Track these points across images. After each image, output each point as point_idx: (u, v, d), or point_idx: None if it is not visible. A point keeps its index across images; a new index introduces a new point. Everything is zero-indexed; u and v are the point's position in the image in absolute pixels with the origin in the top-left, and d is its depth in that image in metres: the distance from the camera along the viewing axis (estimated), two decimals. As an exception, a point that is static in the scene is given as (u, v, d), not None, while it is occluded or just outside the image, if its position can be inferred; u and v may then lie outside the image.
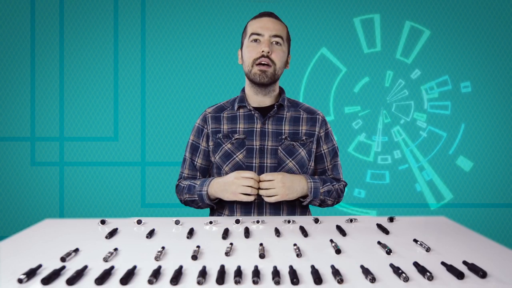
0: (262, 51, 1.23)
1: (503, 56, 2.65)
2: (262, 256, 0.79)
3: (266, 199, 1.18)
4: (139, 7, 2.63)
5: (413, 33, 2.65)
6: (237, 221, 1.08)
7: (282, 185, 1.17)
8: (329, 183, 1.29)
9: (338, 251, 0.82)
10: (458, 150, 2.65)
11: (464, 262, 0.75)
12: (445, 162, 2.66)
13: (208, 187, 1.24)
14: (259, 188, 1.18)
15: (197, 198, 1.27)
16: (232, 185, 1.16)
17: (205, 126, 1.35)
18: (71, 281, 0.65)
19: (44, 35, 2.60)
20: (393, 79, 2.66)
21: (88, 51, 2.62)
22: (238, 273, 0.68)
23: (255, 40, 1.25)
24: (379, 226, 1.03)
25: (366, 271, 0.69)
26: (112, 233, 0.96)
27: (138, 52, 2.64)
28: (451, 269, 0.71)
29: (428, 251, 0.84)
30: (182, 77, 2.66)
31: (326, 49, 2.66)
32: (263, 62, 1.24)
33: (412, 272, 0.71)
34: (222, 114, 1.35)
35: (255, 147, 1.28)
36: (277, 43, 1.26)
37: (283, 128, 1.31)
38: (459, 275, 0.68)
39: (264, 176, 1.18)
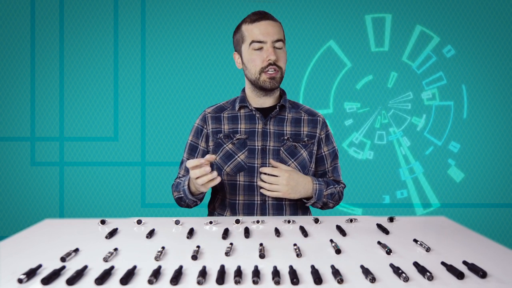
0: (269, 60, 1.21)
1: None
2: (262, 256, 0.79)
3: (267, 193, 1.19)
4: (139, 7, 2.63)
5: (422, 37, 2.64)
6: (237, 221, 1.08)
7: (286, 184, 1.17)
8: (331, 186, 1.29)
9: (338, 251, 0.82)
10: (468, 118, 2.63)
11: (464, 262, 0.75)
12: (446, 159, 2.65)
13: (188, 180, 1.21)
14: (262, 183, 1.19)
15: (183, 195, 1.25)
16: (192, 182, 1.13)
17: (205, 126, 1.34)
18: (71, 281, 0.65)
19: (44, 35, 2.60)
20: (397, 81, 2.65)
21: (88, 51, 2.62)
22: (238, 273, 0.68)
23: (258, 48, 1.22)
24: (379, 226, 1.03)
25: (366, 271, 0.69)
26: (112, 233, 0.96)
27: (138, 52, 2.64)
28: (451, 269, 0.71)
29: (428, 251, 0.84)
30: (182, 77, 2.65)
31: (334, 42, 2.65)
32: (271, 70, 1.22)
33: (412, 272, 0.71)
34: (222, 114, 1.34)
35: (257, 147, 1.28)
36: (279, 46, 1.24)
37: (285, 129, 1.31)
38: (459, 275, 0.68)
39: (270, 170, 1.18)
